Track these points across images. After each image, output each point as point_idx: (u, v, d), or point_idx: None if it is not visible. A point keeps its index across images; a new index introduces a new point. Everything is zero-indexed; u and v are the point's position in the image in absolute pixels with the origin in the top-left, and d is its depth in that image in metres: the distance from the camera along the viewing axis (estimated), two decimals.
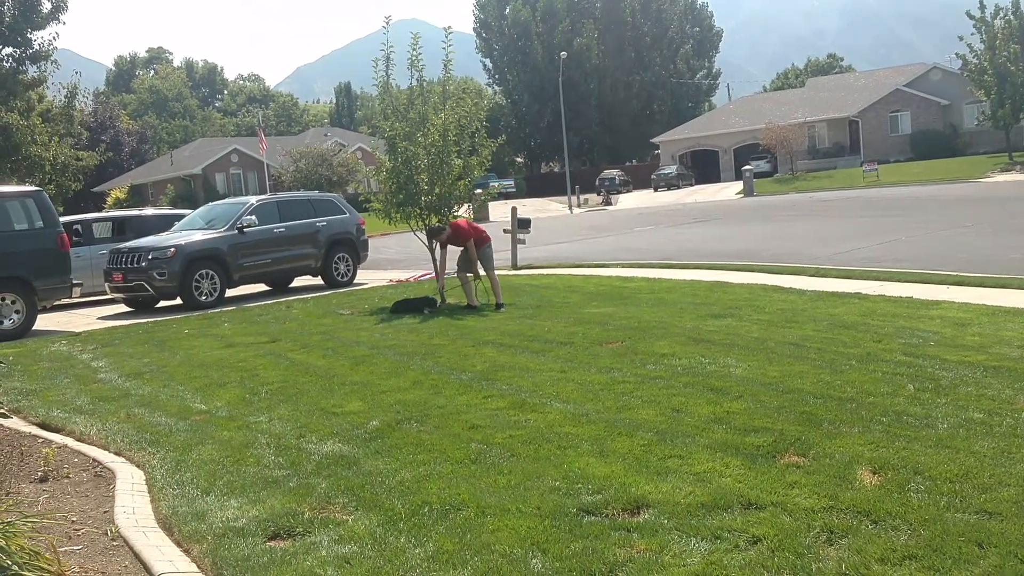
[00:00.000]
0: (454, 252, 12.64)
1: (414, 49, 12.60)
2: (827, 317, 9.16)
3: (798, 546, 3.80)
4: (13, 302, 13.05)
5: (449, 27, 12.86)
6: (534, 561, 3.84)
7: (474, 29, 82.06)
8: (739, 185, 48.99)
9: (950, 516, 4.01)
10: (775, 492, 4.41)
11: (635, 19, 77.71)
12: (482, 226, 13.09)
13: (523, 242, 18.16)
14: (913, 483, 4.42)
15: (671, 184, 58.49)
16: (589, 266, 16.61)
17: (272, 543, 4.30)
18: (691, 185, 59.23)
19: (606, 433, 5.59)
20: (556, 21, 75.18)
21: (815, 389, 6.26)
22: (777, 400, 6.05)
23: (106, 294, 16.38)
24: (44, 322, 14.30)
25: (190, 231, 16.31)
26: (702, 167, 64.87)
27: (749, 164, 50.63)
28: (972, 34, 45.45)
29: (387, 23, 13.06)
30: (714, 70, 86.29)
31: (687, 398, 6.27)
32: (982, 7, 45.13)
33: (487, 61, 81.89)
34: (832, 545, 3.82)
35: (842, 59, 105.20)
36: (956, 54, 48.31)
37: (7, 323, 12.95)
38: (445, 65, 13.04)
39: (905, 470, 4.59)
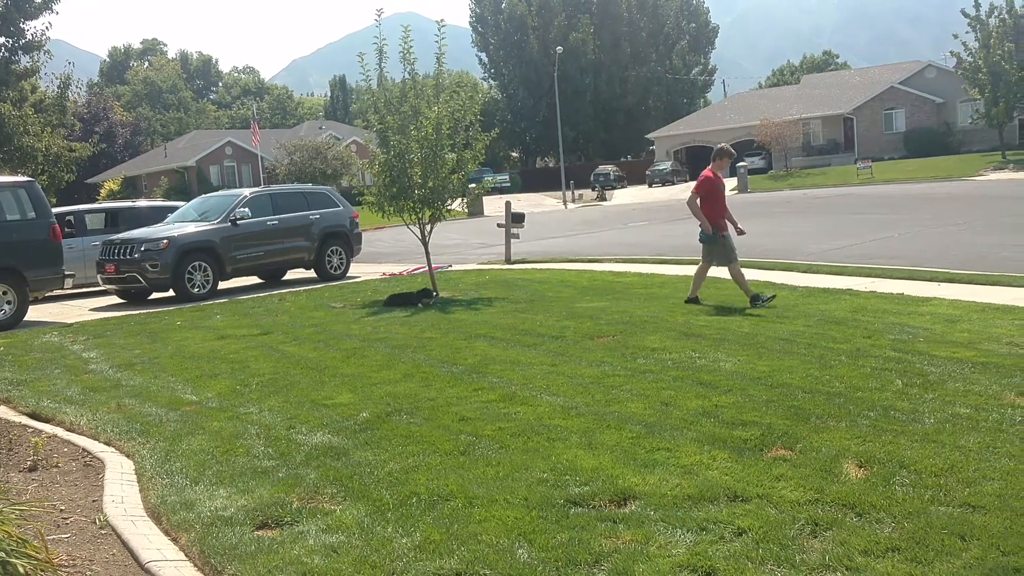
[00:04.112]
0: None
1: (405, 42, 12.59)
2: (818, 313, 9.19)
3: (783, 538, 3.83)
4: (4, 293, 13.03)
5: (442, 20, 12.84)
6: (520, 551, 3.86)
7: (470, 23, 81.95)
8: (733, 181, 48.97)
9: (934, 509, 4.04)
10: (761, 485, 4.43)
11: (631, 14, 77.70)
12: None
13: (517, 236, 18.18)
14: (898, 476, 4.45)
15: (665, 180, 58.57)
16: (582, 261, 16.64)
17: (260, 532, 4.31)
18: (686, 181, 59.20)
19: (595, 426, 5.61)
20: (552, 16, 75.11)
21: (804, 384, 6.29)
22: (766, 394, 6.08)
23: (98, 285, 16.34)
24: (36, 313, 14.27)
25: (183, 223, 16.28)
26: (697, 163, 64.67)
27: (744, 160, 50.68)
28: (967, 32, 45.54)
29: (379, 15, 13.04)
30: (710, 66, 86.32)
31: (676, 392, 6.29)
32: (977, 5, 45.21)
33: (483, 55, 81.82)
34: (816, 537, 3.85)
35: (837, 56, 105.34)
36: (951, 52, 48.40)
37: None
38: (438, 58, 13.03)
39: (891, 464, 4.62)
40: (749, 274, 12.60)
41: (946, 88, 55.05)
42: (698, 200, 10.30)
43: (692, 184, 10.74)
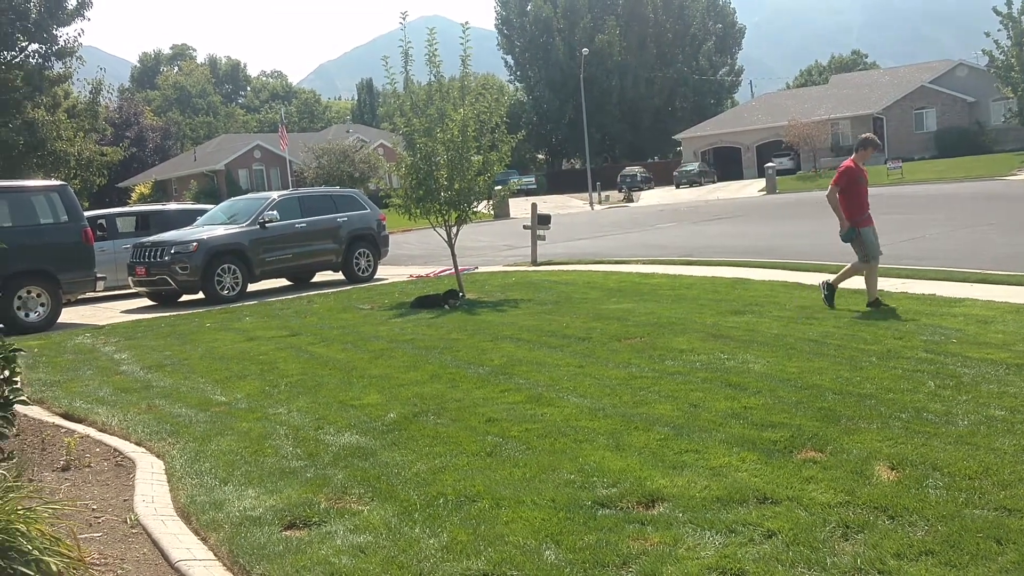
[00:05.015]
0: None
1: (430, 45, 12.61)
2: (848, 314, 9.09)
3: (813, 540, 3.78)
4: (39, 295, 13.22)
5: (467, 23, 12.86)
6: (547, 553, 3.84)
7: (496, 26, 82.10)
8: (761, 182, 48.70)
9: (968, 512, 3.97)
10: (791, 487, 4.38)
11: (657, 15, 77.47)
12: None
13: (543, 238, 18.16)
14: (931, 479, 4.38)
15: (693, 181, 58.26)
16: (609, 262, 16.58)
17: (288, 532, 4.33)
18: (713, 182, 58.97)
19: (622, 427, 5.58)
20: (578, 17, 75.05)
21: (834, 385, 6.22)
22: (795, 396, 6.02)
23: (129, 288, 16.53)
24: (68, 315, 14.45)
25: (212, 226, 16.43)
26: (724, 164, 64.57)
27: (772, 161, 50.26)
28: (999, 30, 44.89)
29: (403, 18, 13.09)
30: (736, 67, 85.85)
31: (705, 393, 6.25)
32: (1009, 3, 44.54)
33: (509, 58, 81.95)
34: (848, 540, 3.80)
35: (866, 56, 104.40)
36: (983, 50, 47.77)
37: (33, 316, 13.12)
38: (463, 61, 13.06)
39: (924, 466, 4.56)
40: (779, 275, 12.53)
41: (978, 87, 54.34)
42: (838, 193, 9.60)
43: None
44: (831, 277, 10.01)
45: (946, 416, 5.37)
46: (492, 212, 16.03)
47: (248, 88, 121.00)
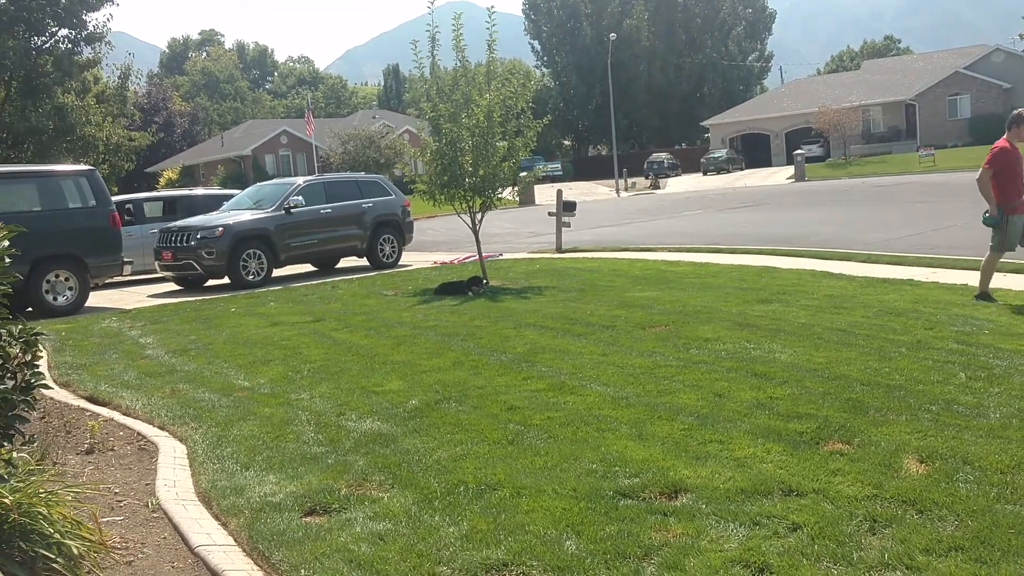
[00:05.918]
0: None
1: (456, 30, 12.52)
2: (877, 304, 8.95)
3: (839, 534, 3.71)
4: (67, 279, 13.34)
5: (492, 7, 12.75)
6: (568, 543, 3.80)
7: (523, 11, 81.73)
8: (790, 170, 48.19)
9: (1000, 507, 3.88)
10: (817, 479, 4.31)
11: (686, 0, 76.72)
12: None
13: (568, 225, 18.08)
14: (962, 473, 4.28)
15: (721, 168, 57.80)
16: (635, 250, 16.47)
17: (308, 518, 4.32)
18: (741, 169, 58.47)
19: (646, 416, 5.52)
20: (605, 2, 74.55)
21: (862, 376, 6.11)
22: (822, 386, 5.92)
23: (156, 272, 16.66)
24: (96, 299, 14.59)
25: (238, 211, 16.50)
26: (752, 151, 63.96)
27: (801, 148, 49.71)
28: None
29: (432, 3, 13.01)
30: (766, 52, 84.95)
31: (730, 383, 6.16)
32: None
33: (536, 43, 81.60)
34: (875, 534, 3.72)
35: (899, 41, 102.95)
36: (1020, 35, 46.85)
37: (61, 299, 13.24)
38: (489, 46, 12.97)
39: (954, 460, 4.46)
40: (806, 263, 12.37)
41: (1014, 72, 53.33)
42: (990, 175, 8.99)
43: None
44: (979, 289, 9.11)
45: (977, 408, 5.26)
46: (517, 198, 15.98)
47: (275, 73, 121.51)
